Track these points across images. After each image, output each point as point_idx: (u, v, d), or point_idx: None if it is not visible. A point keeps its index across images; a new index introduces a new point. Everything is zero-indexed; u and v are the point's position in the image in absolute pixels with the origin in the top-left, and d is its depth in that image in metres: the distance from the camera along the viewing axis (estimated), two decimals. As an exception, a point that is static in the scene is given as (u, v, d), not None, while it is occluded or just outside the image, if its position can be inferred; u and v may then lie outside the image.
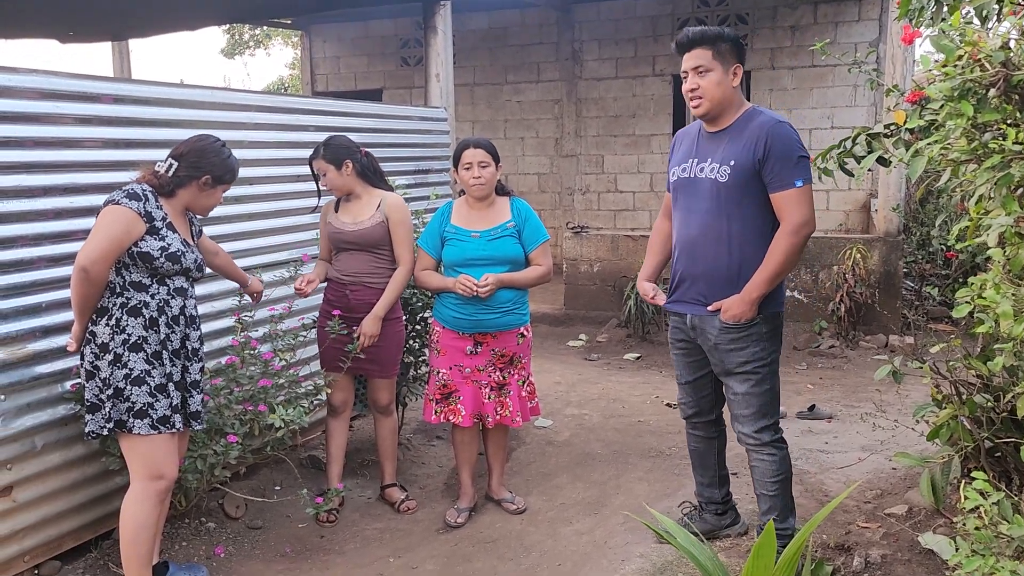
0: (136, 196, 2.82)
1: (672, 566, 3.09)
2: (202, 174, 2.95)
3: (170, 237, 2.89)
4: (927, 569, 2.88)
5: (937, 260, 7.77)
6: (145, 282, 2.87)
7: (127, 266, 2.85)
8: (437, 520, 3.82)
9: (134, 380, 2.82)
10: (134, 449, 2.86)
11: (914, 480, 3.60)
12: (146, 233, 2.82)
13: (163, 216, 2.89)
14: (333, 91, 12.02)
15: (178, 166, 2.92)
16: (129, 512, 2.86)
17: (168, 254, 2.86)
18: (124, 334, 2.83)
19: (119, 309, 2.83)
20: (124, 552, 2.89)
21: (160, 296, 2.89)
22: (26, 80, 3.00)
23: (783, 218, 2.85)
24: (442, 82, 5.99)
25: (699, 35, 2.92)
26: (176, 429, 2.89)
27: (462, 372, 3.68)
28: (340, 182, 3.72)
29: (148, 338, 2.85)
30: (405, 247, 3.75)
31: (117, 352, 2.82)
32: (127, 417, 2.81)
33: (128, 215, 2.78)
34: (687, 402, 3.28)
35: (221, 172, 3.00)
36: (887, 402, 4.99)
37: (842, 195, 9.65)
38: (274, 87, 18.10)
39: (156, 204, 2.88)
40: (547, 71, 10.94)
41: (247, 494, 3.80)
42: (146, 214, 2.82)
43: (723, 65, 2.91)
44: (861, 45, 9.23)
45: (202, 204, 3.05)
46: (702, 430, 3.29)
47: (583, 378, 6.24)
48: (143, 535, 2.87)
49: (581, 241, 8.20)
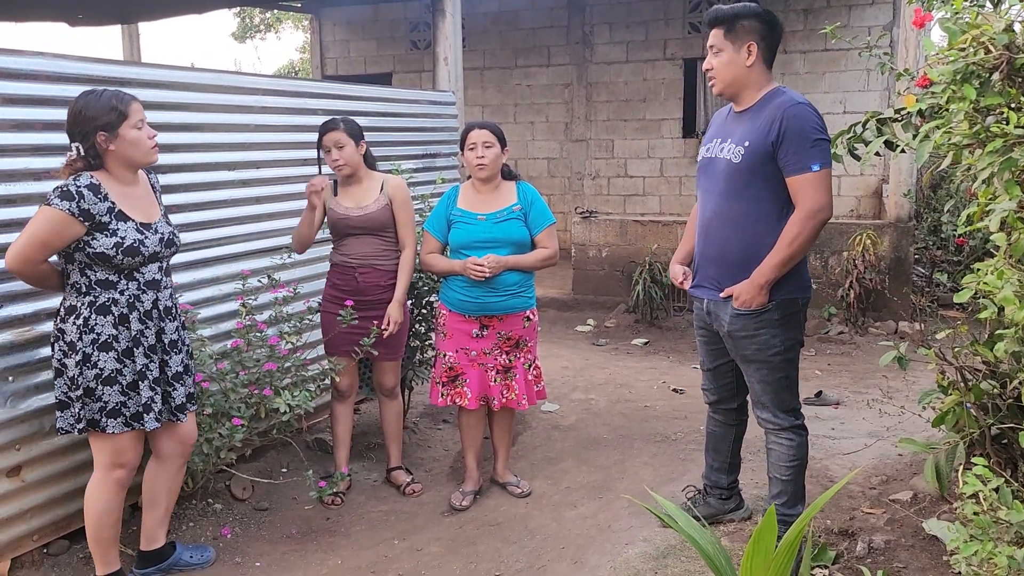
0: (69, 195, 2.63)
1: (675, 550, 3.09)
2: (95, 132, 2.68)
3: (122, 229, 2.72)
4: (930, 555, 2.88)
5: (948, 246, 7.72)
6: (112, 279, 2.77)
7: (89, 266, 2.74)
8: (442, 503, 3.84)
9: (105, 380, 2.76)
10: (104, 444, 2.84)
11: (919, 466, 3.59)
12: (94, 231, 2.68)
13: (108, 207, 2.70)
14: (343, 75, 12.01)
15: (79, 143, 2.70)
16: (91, 499, 2.88)
17: (124, 249, 2.72)
18: (93, 333, 2.74)
19: (87, 308, 2.74)
20: (89, 537, 2.93)
21: (130, 292, 2.80)
22: (34, 63, 3.01)
23: (798, 202, 2.77)
24: (451, 66, 5.97)
25: (713, 15, 2.88)
26: (148, 427, 2.84)
27: (468, 355, 3.69)
28: (356, 159, 3.70)
29: (118, 336, 2.77)
30: (409, 228, 3.76)
31: (86, 352, 2.74)
32: (100, 417, 2.77)
33: (58, 217, 2.61)
34: (709, 388, 3.25)
35: (107, 118, 2.68)
36: (894, 388, 4.98)
37: (854, 181, 9.58)
38: (284, 71, 18.09)
39: (97, 198, 2.67)
40: (557, 55, 10.88)
41: (254, 476, 3.84)
42: (82, 212, 2.63)
43: (734, 44, 2.85)
44: (875, 29, 9.14)
45: (132, 154, 2.76)
46: (723, 416, 3.26)
47: (590, 363, 6.24)
48: (105, 520, 2.90)
49: (590, 226, 8.18)
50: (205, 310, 3.64)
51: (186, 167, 3.65)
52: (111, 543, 2.95)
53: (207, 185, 3.77)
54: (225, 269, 3.78)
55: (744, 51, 2.84)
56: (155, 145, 2.83)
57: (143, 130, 2.78)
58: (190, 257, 3.64)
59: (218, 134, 3.84)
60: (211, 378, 3.29)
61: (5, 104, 2.90)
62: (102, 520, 2.89)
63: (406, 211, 3.77)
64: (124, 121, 2.71)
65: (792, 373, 2.95)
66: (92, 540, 2.93)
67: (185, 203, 3.63)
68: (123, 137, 2.72)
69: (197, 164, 3.72)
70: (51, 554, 3.18)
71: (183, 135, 3.64)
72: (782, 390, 2.94)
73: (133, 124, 2.74)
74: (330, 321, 3.73)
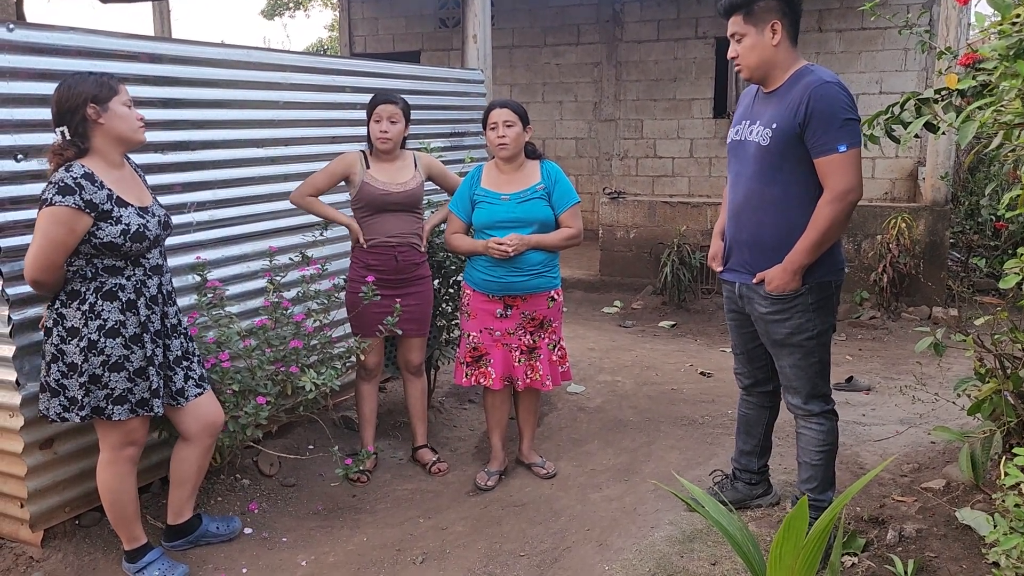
0: (69, 189, 2.58)
1: (702, 534, 3.07)
2: (86, 104, 2.64)
3: (125, 215, 2.69)
4: (963, 545, 2.83)
5: (986, 231, 7.55)
6: (119, 265, 2.74)
7: (95, 255, 2.70)
8: (467, 483, 3.85)
9: (112, 366, 2.72)
10: (112, 428, 2.83)
11: (953, 455, 3.53)
12: (99, 221, 2.64)
13: (107, 194, 2.66)
14: (371, 53, 11.98)
15: (65, 126, 2.66)
16: (104, 478, 2.88)
17: (132, 235, 2.69)
18: (99, 319, 2.71)
19: (93, 294, 2.71)
20: (111, 517, 2.94)
21: (137, 277, 2.78)
22: (64, 38, 3.01)
23: (826, 184, 2.71)
24: (479, 44, 5.92)
25: (728, 2, 2.81)
26: (156, 412, 2.83)
27: (492, 335, 3.67)
28: (401, 137, 3.75)
29: (126, 322, 2.74)
30: (457, 182, 3.91)
31: (92, 339, 2.70)
32: (105, 404, 2.74)
33: (66, 214, 2.58)
34: (743, 372, 3.21)
35: (97, 91, 2.65)
36: (928, 375, 4.89)
37: (888, 163, 9.40)
38: (313, 49, 18.10)
39: (95, 186, 2.64)
40: (587, 33, 10.76)
41: (281, 452, 3.86)
42: (87, 203, 2.60)
43: (757, 27, 2.77)
44: (914, 7, 8.92)
45: (122, 129, 2.71)
46: (757, 398, 3.22)
47: (617, 345, 6.20)
48: (123, 497, 2.90)
49: (618, 207, 8.11)
50: (233, 287, 3.65)
51: (216, 143, 3.65)
52: (133, 519, 2.97)
53: (236, 162, 3.76)
54: (254, 246, 3.78)
55: (768, 31, 2.77)
56: (143, 125, 2.80)
57: (132, 110, 2.76)
58: (219, 234, 3.65)
59: (247, 111, 3.83)
60: (237, 355, 3.30)
61: (36, 79, 2.91)
62: (120, 498, 2.90)
63: (449, 174, 4.00)
64: (115, 96, 2.70)
65: (825, 357, 2.91)
66: (114, 519, 2.94)
67: (214, 180, 3.63)
68: (113, 111, 2.69)
69: (227, 141, 3.71)
70: (83, 525, 3.23)
71: (213, 111, 3.64)
72: (815, 375, 2.89)
73: (123, 100, 2.72)
74: (358, 300, 3.71)
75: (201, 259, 3.43)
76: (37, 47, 2.92)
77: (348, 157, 3.76)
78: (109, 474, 2.88)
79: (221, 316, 3.35)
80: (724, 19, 2.87)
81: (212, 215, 3.62)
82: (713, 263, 3.17)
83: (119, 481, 2.88)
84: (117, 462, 2.87)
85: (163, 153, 3.37)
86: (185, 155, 3.50)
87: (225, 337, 3.27)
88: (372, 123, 3.70)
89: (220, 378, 3.21)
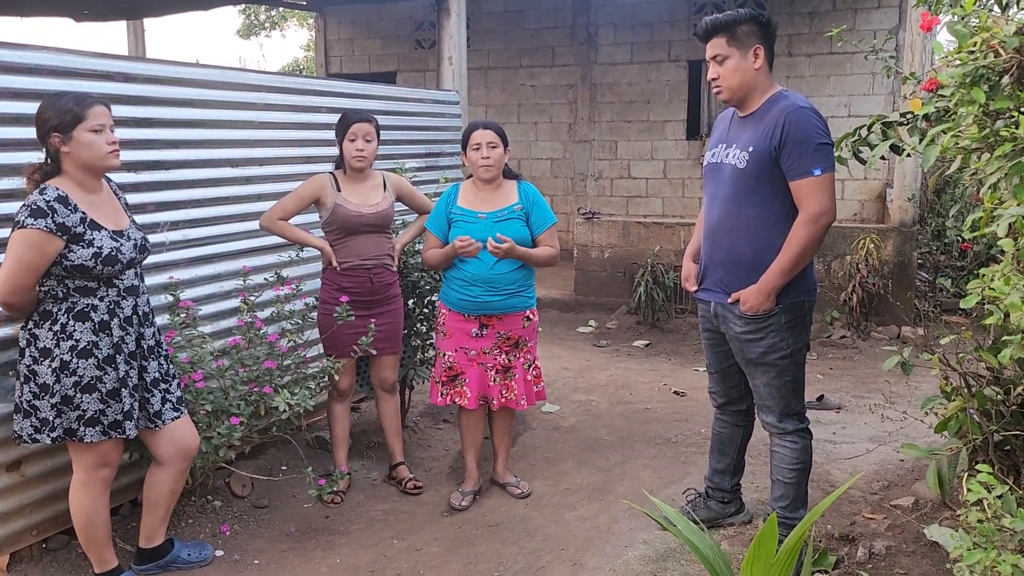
0: (41, 212, 2.57)
1: (675, 553, 3.08)
2: (49, 134, 2.65)
3: (98, 238, 2.67)
4: (932, 561, 2.87)
5: (952, 251, 7.69)
6: (91, 286, 2.72)
7: (67, 276, 2.68)
8: (442, 503, 3.83)
9: (84, 387, 2.70)
10: (83, 452, 2.80)
11: (921, 472, 3.58)
12: (70, 243, 2.62)
13: (81, 218, 2.65)
14: (347, 73, 12.01)
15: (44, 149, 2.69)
16: (77, 500, 2.85)
17: (103, 258, 2.68)
18: (71, 340, 2.68)
19: (64, 314, 2.69)
20: (82, 540, 2.91)
21: (110, 298, 2.76)
22: (37, 57, 3.00)
23: (801, 207, 2.78)
24: (455, 65, 5.96)
25: (711, 24, 2.87)
26: (128, 434, 2.80)
27: (467, 354, 3.68)
28: (375, 155, 3.78)
29: (98, 343, 2.72)
30: (426, 201, 3.99)
31: (64, 359, 2.68)
32: (77, 426, 2.71)
33: (37, 237, 2.57)
34: (717, 391, 3.25)
35: (60, 119, 2.63)
36: (897, 393, 4.96)
37: (858, 184, 9.57)
38: (289, 69, 18.10)
39: (68, 209, 2.62)
40: (562, 55, 10.87)
41: (253, 473, 3.83)
42: (59, 227, 2.59)
43: (740, 50, 2.84)
44: (880, 32, 9.12)
45: (87, 158, 2.68)
46: (731, 417, 3.26)
47: (591, 364, 6.23)
48: (95, 520, 2.87)
49: (592, 227, 8.17)
50: (206, 307, 3.63)
51: (190, 163, 3.64)
52: (104, 542, 2.93)
53: (211, 182, 3.76)
54: (227, 266, 3.77)
55: (751, 55, 2.84)
56: (115, 151, 2.75)
57: (102, 134, 2.70)
58: (192, 254, 3.63)
59: (222, 130, 3.84)
60: (210, 375, 3.28)
61: (8, 98, 2.89)
62: (92, 521, 2.87)
63: (417, 194, 4.05)
64: (79, 124, 2.65)
65: (799, 376, 2.95)
66: (85, 542, 2.91)
67: (188, 199, 3.62)
68: (76, 139, 2.65)
69: (201, 160, 3.71)
70: (50, 549, 3.17)
71: (187, 131, 3.64)
72: (788, 393, 2.93)
73: (90, 127, 2.67)
74: (331, 322, 3.70)
75: (174, 279, 3.41)
76: (9, 66, 2.91)
77: (319, 179, 3.75)
78: (83, 496, 2.84)
79: (194, 336, 3.33)
80: (702, 42, 2.92)
81: (185, 235, 3.61)
82: (687, 284, 3.22)
83: (92, 503, 2.84)
84: (91, 484, 2.83)
85: (136, 172, 3.36)
86: (159, 174, 3.49)
87: (198, 357, 3.25)
88: (346, 142, 3.70)
89: (193, 398, 3.18)
